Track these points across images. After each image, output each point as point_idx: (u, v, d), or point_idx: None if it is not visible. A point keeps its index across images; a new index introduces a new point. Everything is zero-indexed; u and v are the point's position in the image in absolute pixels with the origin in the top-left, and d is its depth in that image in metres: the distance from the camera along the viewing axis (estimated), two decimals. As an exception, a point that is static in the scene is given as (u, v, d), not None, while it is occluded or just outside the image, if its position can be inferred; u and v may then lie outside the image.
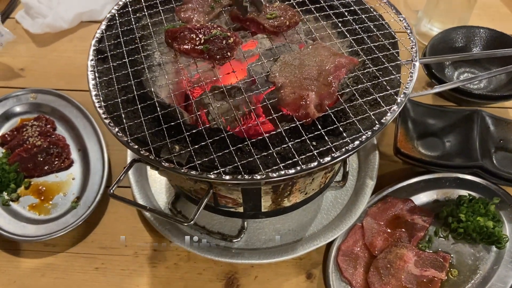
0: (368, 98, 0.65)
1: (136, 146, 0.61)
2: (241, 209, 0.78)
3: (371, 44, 0.72)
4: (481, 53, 1.02)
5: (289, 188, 0.74)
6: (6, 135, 1.00)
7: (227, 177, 0.58)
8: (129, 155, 0.95)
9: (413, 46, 0.71)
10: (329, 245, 0.84)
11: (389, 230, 0.86)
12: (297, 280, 0.82)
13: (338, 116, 0.64)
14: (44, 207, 0.91)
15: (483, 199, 0.87)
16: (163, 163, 0.59)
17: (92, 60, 0.71)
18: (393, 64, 0.69)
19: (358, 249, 0.83)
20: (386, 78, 0.67)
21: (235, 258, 0.81)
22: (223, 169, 0.58)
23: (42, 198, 0.92)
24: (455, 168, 0.88)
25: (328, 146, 0.60)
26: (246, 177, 0.58)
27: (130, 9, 0.78)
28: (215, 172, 0.58)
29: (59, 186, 0.94)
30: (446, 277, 0.80)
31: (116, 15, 0.77)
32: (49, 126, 1.01)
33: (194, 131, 0.62)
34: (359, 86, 0.66)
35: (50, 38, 1.24)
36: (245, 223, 0.86)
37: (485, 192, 0.88)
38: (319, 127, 0.62)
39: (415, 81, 0.66)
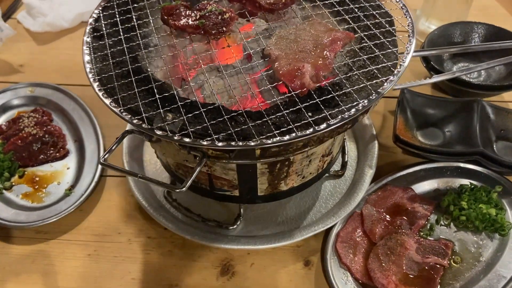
0: (365, 70, 0.64)
1: (129, 116, 0.60)
2: (236, 193, 0.76)
3: (368, 22, 0.71)
4: (480, 45, 1.02)
5: (285, 169, 0.72)
6: (3, 126, 0.99)
7: (220, 144, 0.57)
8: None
9: (409, 23, 0.71)
10: (328, 233, 0.81)
11: (389, 218, 0.83)
12: (294, 267, 0.79)
13: (334, 89, 0.63)
14: (37, 196, 0.89)
15: (485, 187, 0.85)
16: (156, 131, 0.58)
17: (88, 37, 0.71)
18: (389, 39, 0.68)
19: (358, 236, 0.81)
20: (383, 52, 0.66)
21: (230, 244, 0.78)
22: (217, 136, 0.57)
23: (36, 187, 0.90)
24: (455, 155, 0.87)
25: (324, 115, 0.59)
26: (240, 143, 0.56)
27: (127, -10, 0.78)
28: (208, 139, 0.57)
29: (54, 175, 0.92)
30: (448, 264, 0.77)
31: (114, -4, 0.78)
32: (45, 117, 1.00)
33: (188, 101, 0.61)
34: (356, 59, 0.66)
35: (50, 37, 1.25)
36: (241, 210, 0.84)
37: (486, 180, 0.86)
38: (315, 97, 0.61)
39: (412, 53, 0.66)
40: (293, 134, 0.57)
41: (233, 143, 0.56)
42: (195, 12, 0.69)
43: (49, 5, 1.28)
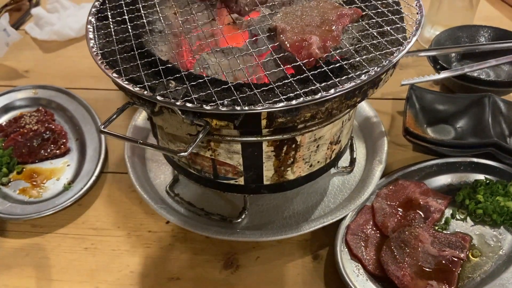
0: (374, 42, 0.63)
1: (131, 85, 0.58)
2: (241, 181, 0.73)
3: (375, 2, 0.71)
4: (488, 44, 1.01)
5: (292, 153, 0.70)
6: (4, 124, 0.97)
7: (225, 109, 0.54)
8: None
9: (417, 3, 0.70)
10: (337, 227, 0.77)
11: (401, 212, 0.79)
12: (302, 261, 0.74)
13: (344, 60, 0.61)
14: (34, 191, 0.86)
15: (501, 181, 0.82)
16: (158, 98, 0.56)
17: (92, 17, 0.70)
18: (398, 16, 0.67)
19: (369, 228, 0.77)
20: (392, 27, 0.65)
21: (235, 236, 0.74)
22: (221, 101, 0.55)
23: (34, 183, 0.88)
24: (467, 148, 0.84)
25: (333, 81, 0.57)
26: (245, 108, 0.54)
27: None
28: (212, 104, 0.55)
29: (53, 172, 0.90)
30: (467, 258, 0.73)
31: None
32: (48, 117, 0.99)
33: (191, 71, 0.60)
34: (365, 33, 0.65)
35: (56, 45, 1.25)
36: (247, 203, 0.80)
37: (502, 175, 0.83)
38: (324, 66, 0.59)
39: (421, 30, 0.64)
40: (301, 99, 0.54)
41: (238, 108, 0.54)
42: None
43: (57, 16, 1.29)
